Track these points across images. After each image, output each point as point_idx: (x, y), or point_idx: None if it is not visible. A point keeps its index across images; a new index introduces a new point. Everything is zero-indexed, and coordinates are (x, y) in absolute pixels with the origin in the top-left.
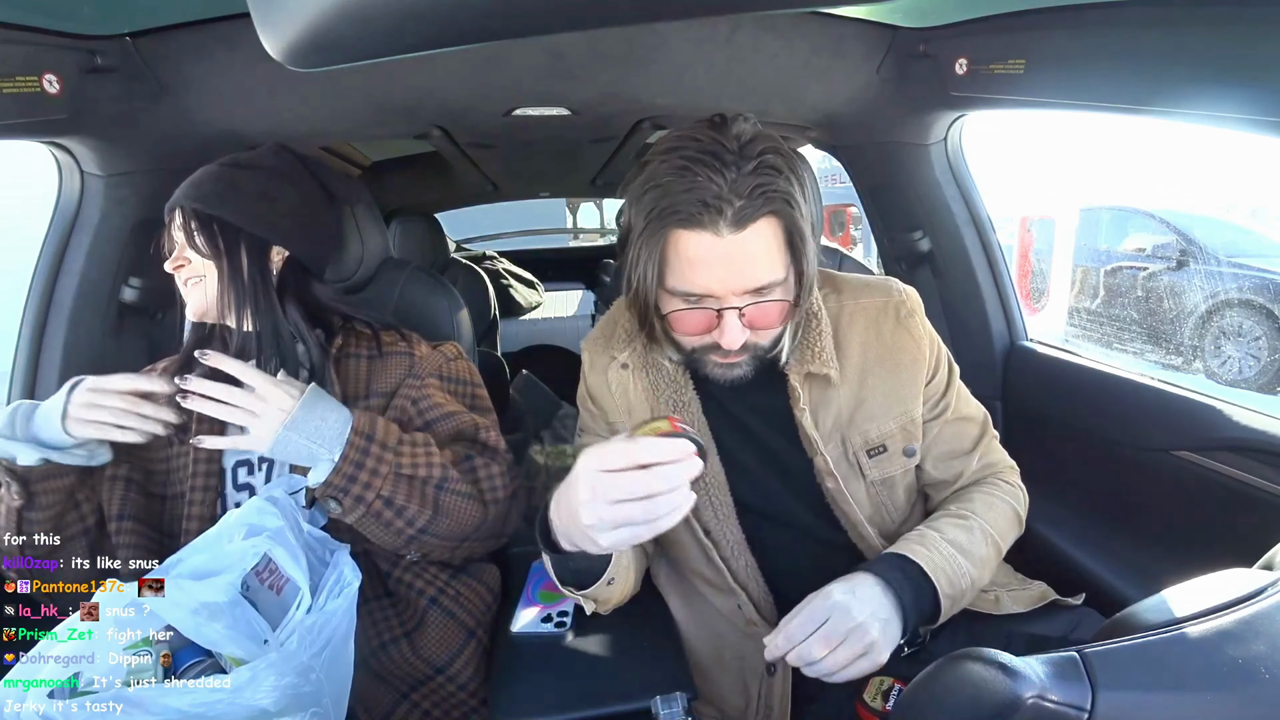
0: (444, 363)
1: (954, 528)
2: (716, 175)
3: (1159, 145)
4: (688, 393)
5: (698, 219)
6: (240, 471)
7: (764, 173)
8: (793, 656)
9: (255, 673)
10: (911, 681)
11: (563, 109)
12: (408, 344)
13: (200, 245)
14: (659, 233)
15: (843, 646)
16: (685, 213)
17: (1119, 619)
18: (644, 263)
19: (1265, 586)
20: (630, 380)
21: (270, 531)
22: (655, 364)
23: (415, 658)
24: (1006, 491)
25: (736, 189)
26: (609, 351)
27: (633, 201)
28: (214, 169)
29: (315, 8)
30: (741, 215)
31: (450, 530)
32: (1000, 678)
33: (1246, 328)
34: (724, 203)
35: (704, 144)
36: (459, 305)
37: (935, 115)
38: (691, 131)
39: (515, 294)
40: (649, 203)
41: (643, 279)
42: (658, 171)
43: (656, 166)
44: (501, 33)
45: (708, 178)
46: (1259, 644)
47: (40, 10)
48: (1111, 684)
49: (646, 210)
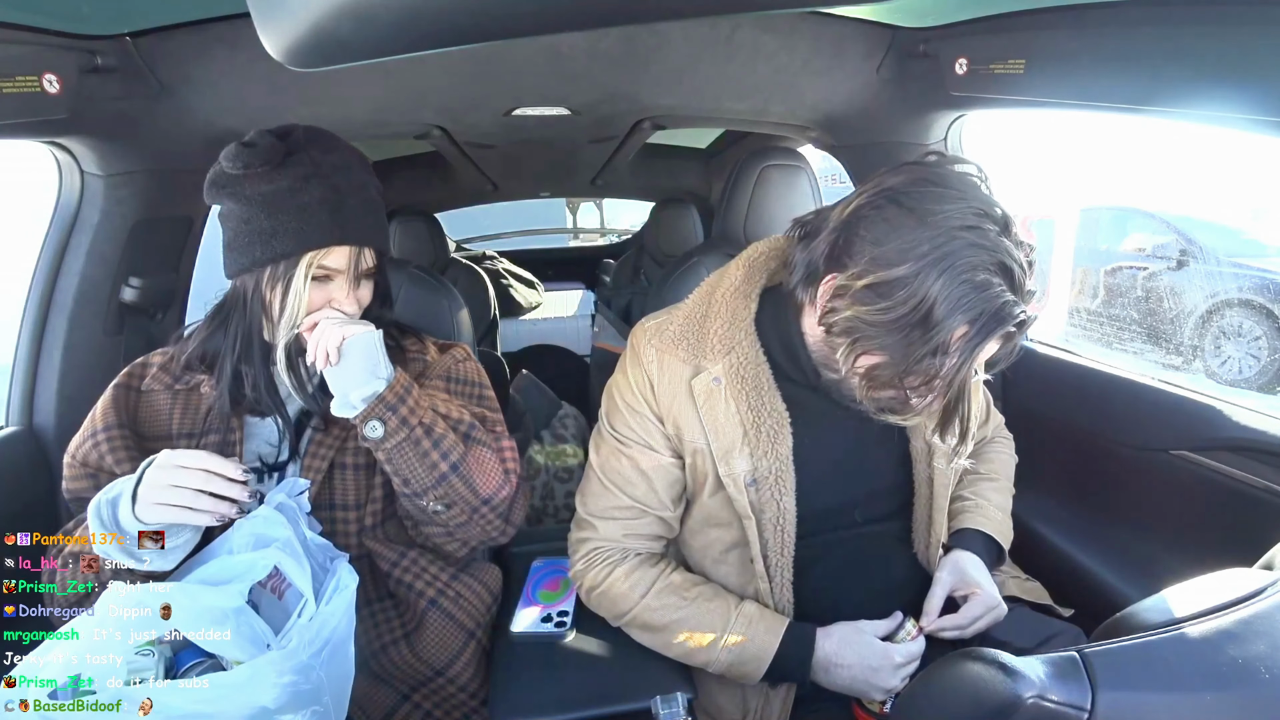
0: (452, 365)
1: (994, 492)
2: (1021, 291)
3: (1159, 145)
4: (784, 428)
5: (1009, 339)
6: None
7: (1030, 268)
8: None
9: (256, 670)
10: (911, 681)
11: (563, 109)
12: (422, 347)
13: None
14: (980, 343)
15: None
16: (1003, 332)
17: (1119, 619)
18: (960, 363)
19: (1265, 586)
20: (722, 398)
21: (279, 542)
22: (755, 385)
23: (415, 659)
24: (1008, 446)
25: (1027, 299)
26: (695, 360)
27: (939, 279)
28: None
29: (315, 8)
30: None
31: (475, 481)
32: (1000, 678)
33: (1246, 327)
34: (1025, 318)
35: (1000, 243)
36: (459, 305)
37: (935, 115)
38: (968, 196)
39: (515, 294)
40: (970, 303)
41: (953, 377)
42: (969, 262)
43: (961, 251)
44: (501, 33)
45: (1014, 290)
46: (1259, 644)
47: (40, 10)
48: (1111, 684)
49: (966, 309)
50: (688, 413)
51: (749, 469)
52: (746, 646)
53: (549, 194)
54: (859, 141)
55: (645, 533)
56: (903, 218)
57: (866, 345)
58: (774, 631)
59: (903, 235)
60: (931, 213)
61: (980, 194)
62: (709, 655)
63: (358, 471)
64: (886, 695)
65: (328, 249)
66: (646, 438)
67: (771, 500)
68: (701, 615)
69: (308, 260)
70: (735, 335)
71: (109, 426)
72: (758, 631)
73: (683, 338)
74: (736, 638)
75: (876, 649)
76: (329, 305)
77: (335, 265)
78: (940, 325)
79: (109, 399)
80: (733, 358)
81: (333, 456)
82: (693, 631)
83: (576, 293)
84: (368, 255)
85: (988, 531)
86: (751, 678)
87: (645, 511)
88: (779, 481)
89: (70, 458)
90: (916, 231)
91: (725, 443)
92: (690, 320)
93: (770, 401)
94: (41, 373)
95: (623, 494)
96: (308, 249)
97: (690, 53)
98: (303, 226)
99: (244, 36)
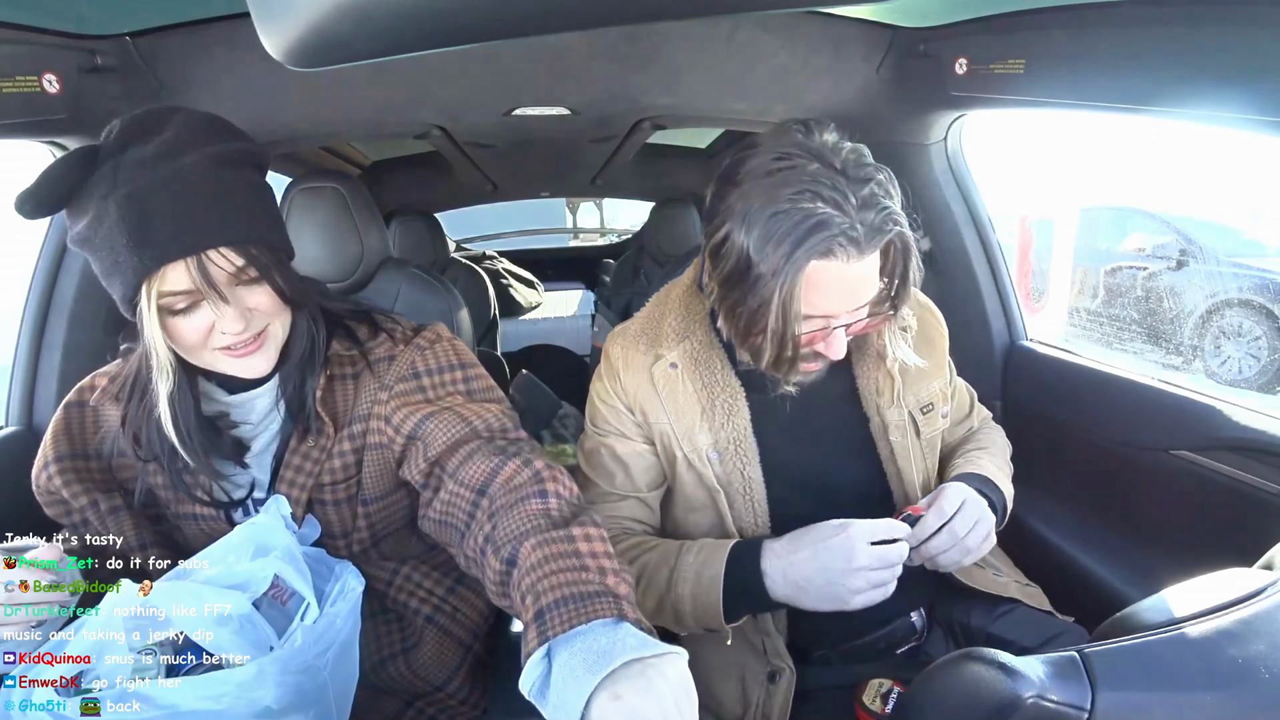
0: (418, 357)
1: (982, 455)
2: (843, 203)
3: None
4: (739, 400)
5: (833, 253)
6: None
7: (878, 199)
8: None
9: (260, 669)
10: (913, 681)
11: (563, 109)
12: (390, 343)
13: (281, 286)
14: (794, 267)
15: (979, 525)
16: (823, 247)
17: (1119, 619)
18: (783, 300)
19: (1265, 586)
20: (679, 380)
21: (279, 550)
22: (708, 366)
23: (412, 675)
24: (997, 430)
25: (863, 217)
26: (654, 350)
27: (744, 225)
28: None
29: (315, 8)
30: (869, 244)
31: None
32: (1000, 678)
33: (1246, 327)
34: (855, 233)
35: (810, 162)
36: (459, 305)
37: (935, 115)
38: (783, 146)
39: (515, 294)
40: (775, 233)
41: (782, 315)
42: (773, 198)
43: (765, 191)
44: (501, 33)
45: (835, 205)
46: (1259, 644)
47: (40, 10)
48: (1111, 684)
49: (774, 241)
50: (651, 398)
51: (710, 442)
52: (701, 569)
53: (549, 194)
54: (859, 141)
55: (622, 514)
56: (725, 188)
57: (728, 313)
58: (724, 546)
59: (724, 201)
60: (741, 173)
61: (792, 138)
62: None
63: (338, 506)
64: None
65: (156, 274)
66: (620, 426)
67: (736, 470)
68: (660, 556)
69: (146, 297)
70: (689, 326)
71: (60, 458)
72: (709, 550)
73: (642, 333)
74: (691, 558)
75: (834, 544)
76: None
77: (178, 286)
78: (759, 261)
79: (57, 424)
80: (687, 345)
81: (309, 493)
82: (654, 574)
83: (576, 293)
84: (219, 257)
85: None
86: (713, 609)
87: (624, 496)
88: (739, 450)
89: (35, 485)
90: (731, 193)
91: (686, 421)
92: (649, 318)
93: (723, 379)
94: (41, 373)
95: (601, 482)
96: (131, 288)
97: (690, 53)
98: (116, 261)
99: (244, 36)
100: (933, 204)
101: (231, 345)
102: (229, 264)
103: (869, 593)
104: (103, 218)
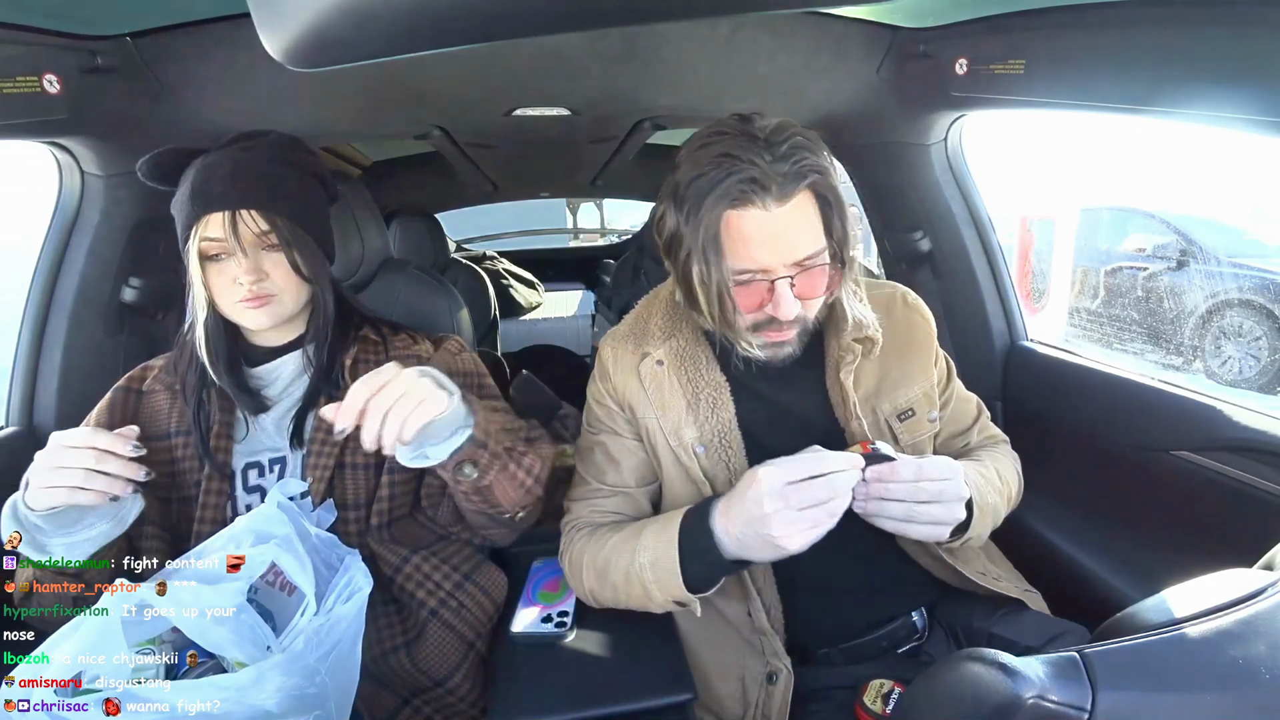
0: (450, 360)
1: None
2: (755, 158)
3: (1159, 145)
4: (724, 394)
5: (747, 198)
6: (251, 474)
7: (796, 151)
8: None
9: (261, 673)
10: (913, 682)
11: (563, 109)
12: (415, 344)
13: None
14: (712, 216)
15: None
16: (735, 194)
17: (1119, 619)
18: (704, 247)
19: (1265, 586)
20: (666, 376)
21: (278, 539)
22: (694, 362)
23: (414, 668)
24: (1005, 451)
25: (776, 167)
26: (641, 349)
27: (675, 199)
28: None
29: (315, 8)
30: (784, 190)
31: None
32: (1000, 678)
33: (1246, 328)
34: (768, 179)
35: (735, 136)
36: (459, 305)
37: (935, 115)
38: (716, 128)
39: (515, 294)
40: (695, 193)
41: (705, 262)
42: (696, 165)
43: (692, 164)
44: (501, 33)
45: (749, 161)
46: (1259, 644)
47: (40, 10)
48: (1111, 684)
49: (695, 200)
50: (639, 395)
51: (695, 436)
52: (659, 534)
53: (549, 194)
54: (859, 142)
55: (609, 509)
56: (666, 177)
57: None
58: (680, 511)
59: (664, 187)
60: (678, 159)
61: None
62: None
63: (365, 470)
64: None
65: (203, 220)
66: (611, 424)
67: (720, 463)
68: (627, 535)
69: (193, 238)
70: (675, 324)
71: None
72: (666, 518)
73: (630, 333)
74: (652, 527)
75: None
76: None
77: (213, 234)
78: (684, 220)
79: (106, 402)
80: (673, 342)
81: (338, 455)
82: (619, 549)
83: (576, 293)
84: (249, 219)
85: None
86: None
87: (614, 491)
88: (724, 444)
89: None
90: (669, 178)
91: (673, 416)
92: (638, 319)
93: (709, 374)
94: (41, 373)
95: (593, 478)
96: (186, 229)
97: (690, 53)
98: (181, 208)
99: (244, 37)
100: (933, 204)
101: (245, 298)
102: (256, 225)
103: (802, 534)
104: (187, 178)
